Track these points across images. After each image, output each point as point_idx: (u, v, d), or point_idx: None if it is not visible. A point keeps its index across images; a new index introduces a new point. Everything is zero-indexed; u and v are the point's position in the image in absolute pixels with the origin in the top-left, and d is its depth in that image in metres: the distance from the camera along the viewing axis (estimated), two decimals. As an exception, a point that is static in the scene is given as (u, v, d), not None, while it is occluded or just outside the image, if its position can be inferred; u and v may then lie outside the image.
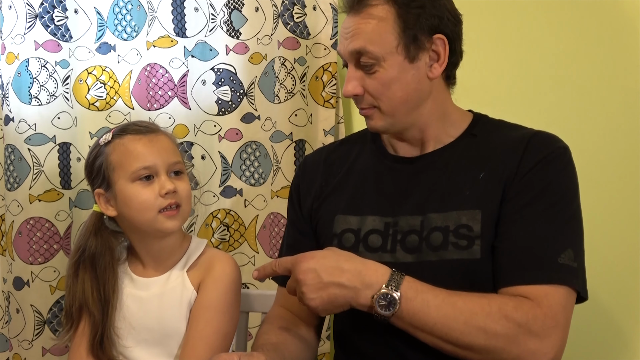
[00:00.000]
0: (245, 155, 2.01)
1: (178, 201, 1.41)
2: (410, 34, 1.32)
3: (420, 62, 1.34)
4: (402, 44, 1.32)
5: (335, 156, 1.52)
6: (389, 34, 1.32)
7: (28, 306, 1.90)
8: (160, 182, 1.40)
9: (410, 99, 1.36)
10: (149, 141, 1.42)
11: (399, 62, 1.33)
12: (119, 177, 1.41)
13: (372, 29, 1.32)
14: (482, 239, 1.30)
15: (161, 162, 1.41)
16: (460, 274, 1.30)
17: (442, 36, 1.34)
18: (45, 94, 1.90)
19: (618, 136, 1.84)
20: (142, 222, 1.42)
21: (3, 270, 1.88)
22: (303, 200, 1.51)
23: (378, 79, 1.34)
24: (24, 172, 1.89)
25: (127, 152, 1.41)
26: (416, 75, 1.35)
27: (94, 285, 1.45)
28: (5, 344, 1.88)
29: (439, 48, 1.35)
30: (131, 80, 1.97)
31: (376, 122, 1.39)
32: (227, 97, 1.99)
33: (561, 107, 1.88)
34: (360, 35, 1.33)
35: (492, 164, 1.35)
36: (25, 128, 1.88)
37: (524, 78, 1.91)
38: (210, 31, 1.98)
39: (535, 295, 1.24)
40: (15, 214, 1.88)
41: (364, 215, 1.40)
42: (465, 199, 1.33)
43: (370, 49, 1.32)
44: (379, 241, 1.37)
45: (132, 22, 1.96)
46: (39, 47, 1.89)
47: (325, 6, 1.99)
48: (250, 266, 2.01)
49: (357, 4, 1.34)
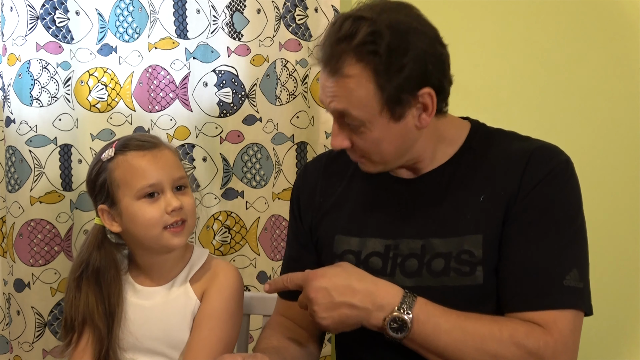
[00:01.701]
0: (247, 157, 2.01)
1: (183, 217, 1.41)
2: (392, 98, 1.24)
3: (407, 117, 1.27)
4: (385, 108, 1.25)
5: (333, 169, 1.48)
6: (370, 100, 1.24)
7: (29, 308, 1.89)
8: (165, 199, 1.40)
9: (400, 149, 1.32)
10: (152, 157, 1.41)
11: (384, 124, 1.27)
12: (124, 194, 1.40)
13: (351, 94, 1.25)
14: (484, 264, 1.29)
15: (166, 178, 1.40)
16: (462, 300, 1.28)
17: (428, 89, 1.26)
18: (46, 95, 1.90)
19: (619, 138, 1.84)
20: (147, 239, 1.42)
21: (4, 272, 1.88)
22: (304, 215, 1.49)
23: (364, 139, 1.29)
24: (25, 174, 1.88)
25: (132, 169, 1.40)
26: (404, 130, 1.29)
27: (99, 299, 1.44)
28: (5, 346, 1.88)
29: (425, 100, 1.26)
30: (132, 82, 1.97)
31: (368, 167, 1.36)
32: (229, 99, 1.98)
33: (561, 109, 1.88)
34: (341, 98, 1.26)
35: (492, 185, 1.32)
36: (27, 130, 1.88)
37: (525, 80, 1.91)
38: (212, 33, 1.97)
39: (545, 321, 1.24)
40: (16, 215, 1.88)
41: (364, 237, 1.38)
42: (466, 223, 1.31)
43: (353, 113, 1.26)
44: (380, 264, 1.36)
45: (133, 23, 1.96)
46: (41, 49, 1.89)
47: (327, 8, 1.99)
48: (252, 268, 2.01)
49: (332, 67, 1.26)
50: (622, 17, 1.81)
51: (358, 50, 1.23)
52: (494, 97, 1.91)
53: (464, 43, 1.93)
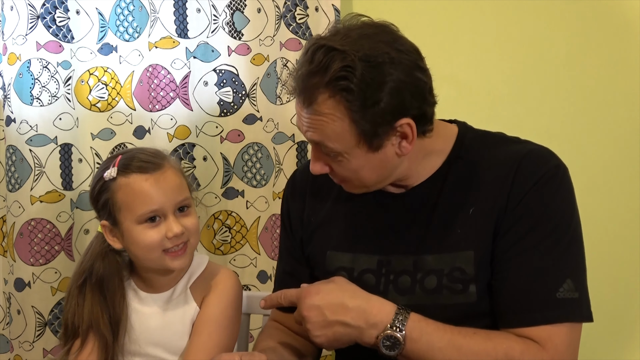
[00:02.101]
0: (247, 156, 2.00)
1: (184, 239, 1.40)
2: (368, 132, 1.20)
3: (387, 147, 1.23)
4: (362, 141, 1.22)
5: (321, 182, 1.42)
6: (345, 134, 1.21)
7: (29, 307, 1.90)
8: (167, 224, 1.38)
9: (382, 176, 1.28)
10: (155, 181, 1.38)
11: (362, 154, 1.23)
12: (125, 218, 1.39)
13: (326, 128, 1.22)
14: (477, 281, 1.26)
15: (168, 202, 1.38)
16: (456, 317, 1.26)
17: (407, 119, 1.21)
18: (46, 94, 1.90)
19: (618, 137, 1.84)
20: (147, 260, 1.42)
21: (4, 272, 1.88)
22: (295, 228, 1.47)
23: (343, 167, 1.26)
24: (26, 173, 1.88)
25: (133, 194, 1.38)
26: (384, 158, 1.25)
27: (104, 308, 1.43)
28: (6, 346, 1.88)
29: (405, 130, 1.22)
30: (133, 81, 1.96)
31: (351, 189, 1.33)
32: (229, 98, 1.98)
33: (561, 108, 1.87)
34: (316, 130, 1.23)
35: (481, 197, 1.28)
36: (27, 129, 1.88)
37: (524, 80, 1.91)
38: (212, 32, 1.97)
39: (539, 337, 1.21)
40: (17, 215, 1.88)
41: (356, 253, 1.36)
42: (457, 239, 1.28)
43: (329, 145, 1.23)
44: (373, 281, 1.34)
45: (134, 23, 1.96)
46: (41, 48, 1.89)
47: (327, 7, 1.99)
48: (252, 268, 2.01)
49: (306, 100, 1.22)
50: (621, 17, 1.81)
51: (330, 86, 1.19)
52: (493, 96, 1.91)
53: (464, 42, 1.93)
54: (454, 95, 1.87)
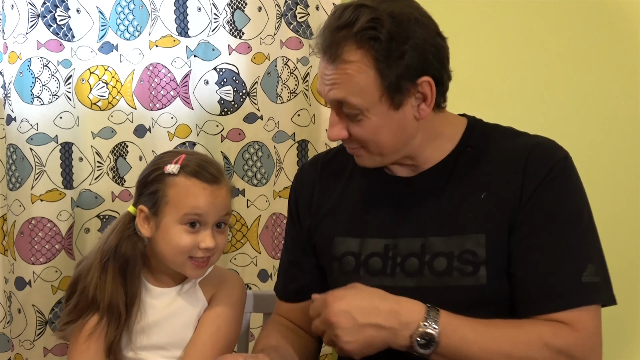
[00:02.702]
0: (248, 155, 2.00)
1: (211, 254, 1.43)
2: (392, 85, 1.24)
3: (406, 106, 1.27)
4: (385, 95, 1.25)
5: (329, 172, 1.47)
6: (370, 86, 1.24)
7: (30, 306, 1.90)
8: (204, 235, 1.40)
9: (398, 141, 1.31)
10: (211, 193, 1.41)
11: (383, 111, 1.26)
12: (169, 212, 1.41)
13: (351, 81, 1.25)
14: (488, 264, 1.28)
15: (213, 215, 1.41)
16: (465, 300, 1.28)
17: (428, 78, 1.26)
18: (47, 93, 1.90)
19: (619, 136, 1.83)
20: (170, 260, 1.43)
21: (5, 270, 1.88)
22: (302, 219, 1.48)
23: (363, 127, 1.28)
24: (26, 172, 1.88)
25: (188, 194, 1.40)
26: (403, 120, 1.28)
27: (123, 287, 1.44)
28: (6, 344, 1.88)
29: (425, 89, 1.27)
30: (133, 80, 1.96)
31: (365, 161, 1.34)
32: (230, 97, 1.98)
33: (562, 107, 1.87)
34: (340, 85, 1.26)
35: (492, 183, 1.31)
36: (27, 128, 1.88)
37: (525, 78, 1.90)
38: (213, 31, 1.97)
39: (569, 320, 1.25)
40: (17, 213, 1.88)
41: (363, 237, 1.37)
42: (467, 222, 1.30)
43: (352, 101, 1.25)
44: (380, 264, 1.35)
45: (134, 21, 1.96)
46: (41, 47, 1.89)
47: (328, 6, 1.98)
48: (253, 267, 2.01)
49: (332, 54, 1.25)
50: (622, 15, 1.81)
51: (359, 36, 1.23)
52: (494, 95, 1.91)
53: (465, 41, 1.92)
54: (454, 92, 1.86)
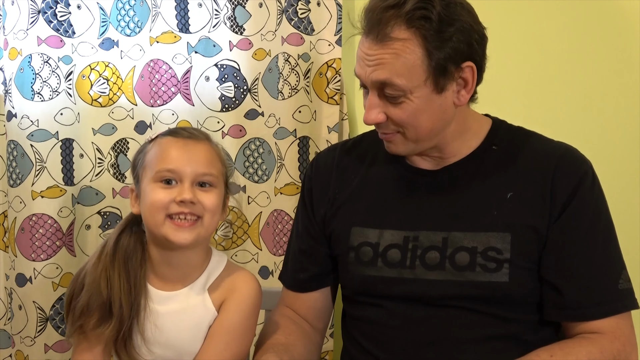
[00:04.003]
0: (249, 151, 2.00)
1: (197, 212, 1.35)
2: (439, 66, 1.25)
3: (448, 91, 1.29)
4: (430, 77, 1.26)
5: (348, 160, 1.47)
6: (417, 68, 1.25)
7: (30, 303, 1.89)
8: (180, 188, 1.34)
9: (436, 127, 1.31)
10: (183, 146, 1.37)
11: (426, 94, 1.27)
12: (145, 175, 1.37)
13: (398, 61, 1.25)
14: (511, 263, 1.29)
15: (189, 169, 1.35)
16: (484, 296, 1.30)
17: (471, 63, 1.28)
18: (48, 90, 1.89)
19: (619, 135, 1.83)
20: (151, 225, 1.36)
21: (5, 267, 1.88)
22: (316, 207, 1.47)
23: (404, 110, 1.28)
24: (27, 169, 1.88)
25: (159, 153, 1.37)
26: (443, 105, 1.29)
27: (124, 279, 1.38)
28: (7, 341, 1.88)
29: (467, 75, 1.29)
30: (134, 76, 1.96)
31: (397, 147, 1.34)
32: (231, 94, 1.98)
33: (562, 106, 1.87)
34: (385, 66, 1.25)
35: (519, 184, 1.32)
36: (28, 124, 1.88)
37: (526, 76, 1.91)
38: (214, 27, 1.97)
39: (608, 328, 1.28)
40: (18, 210, 1.88)
41: (382, 228, 1.37)
42: (493, 220, 1.31)
43: (397, 82, 1.25)
44: (398, 256, 1.35)
45: (135, 17, 1.95)
46: (42, 43, 1.88)
47: (329, 2, 1.99)
48: (254, 263, 2.01)
49: (380, 33, 1.25)
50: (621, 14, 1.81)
51: (408, 16, 1.24)
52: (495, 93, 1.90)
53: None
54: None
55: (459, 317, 1.31)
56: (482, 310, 1.29)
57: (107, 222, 1.96)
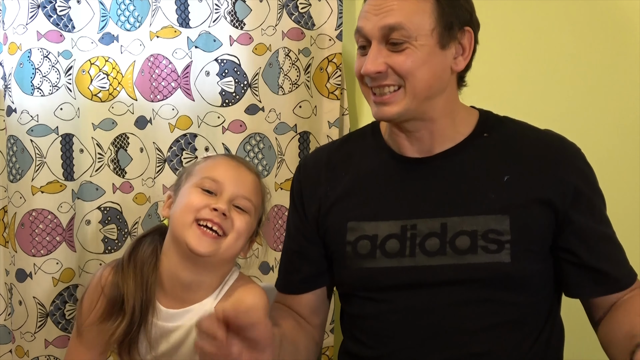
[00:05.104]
0: (249, 147, 2.00)
1: (224, 227, 1.37)
2: (446, 20, 1.31)
3: (449, 51, 1.33)
4: (437, 29, 1.31)
5: (336, 159, 1.47)
6: (427, 16, 1.30)
7: (31, 298, 1.89)
8: (218, 199, 1.37)
9: (433, 86, 1.33)
10: (235, 167, 1.42)
11: (430, 45, 1.31)
12: (189, 181, 1.41)
13: (411, 6, 1.30)
14: (512, 243, 1.31)
15: (232, 187, 1.39)
16: (487, 277, 1.30)
17: (471, 29, 1.35)
18: (47, 84, 1.89)
19: (619, 135, 1.83)
20: (178, 225, 1.38)
21: (5, 262, 1.88)
22: (307, 207, 1.47)
23: (407, 56, 1.31)
24: (27, 164, 1.87)
25: (209, 165, 1.42)
26: (442, 63, 1.33)
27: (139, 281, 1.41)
28: (7, 336, 1.87)
29: (465, 41, 1.35)
30: (134, 71, 1.96)
31: (392, 107, 1.33)
32: (231, 89, 1.97)
33: (562, 105, 1.87)
34: (397, 11, 1.30)
35: (516, 168, 1.34)
36: (28, 119, 1.87)
37: (527, 75, 1.91)
38: (214, 22, 1.96)
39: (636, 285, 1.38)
40: (18, 205, 1.87)
41: (378, 220, 1.37)
42: (490, 203, 1.33)
43: (407, 25, 1.29)
44: (397, 246, 1.35)
45: (135, 12, 1.95)
46: (42, 38, 1.88)
47: (330, -3, 1.98)
48: (254, 259, 2.00)
49: None
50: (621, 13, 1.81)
51: None
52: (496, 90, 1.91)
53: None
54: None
55: (461, 305, 1.31)
56: (484, 296, 1.30)
57: (107, 218, 1.96)
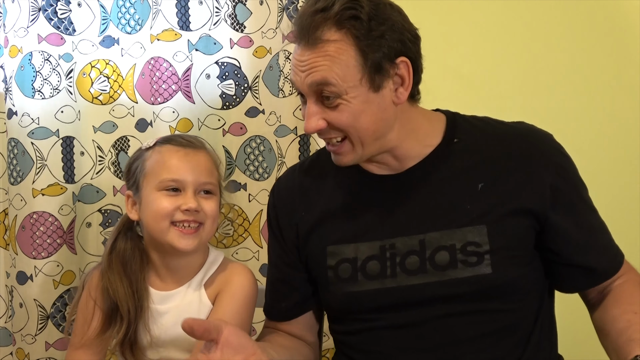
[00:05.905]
0: (250, 149, 2.00)
1: (200, 220, 1.41)
2: (373, 63, 1.24)
3: (385, 89, 1.27)
4: (365, 76, 1.25)
5: (309, 181, 1.44)
6: (351, 67, 1.24)
7: (31, 301, 1.89)
8: (185, 197, 1.40)
9: (378, 129, 1.29)
10: (184, 155, 1.43)
11: (363, 94, 1.25)
12: (148, 183, 1.42)
13: (332, 62, 1.24)
14: (492, 253, 1.28)
15: (192, 179, 1.41)
16: (470, 291, 1.28)
17: (406, 59, 1.27)
18: (48, 87, 1.89)
19: (618, 134, 1.83)
20: (156, 232, 1.41)
21: (6, 265, 1.88)
22: (286, 233, 1.45)
23: (342, 112, 1.26)
24: (27, 166, 1.88)
25: (161, 162, 1.42)
26: (382, 104, 1.27)
27: (127, 283, 1.43)
28: (8, 339, 1.88)
29: (402, 72, 1.27)
30: (135, 74, 1.96)
31: (346, 156, 1.32)
32: (232, 91, 1.97)
33: (563, 105, 1.88)
34: (319, 68, 1.24)
35: (489, 173, 1.31)
36: (29, 122, 1.88)
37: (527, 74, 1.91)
38: (215, 25, 1.96)
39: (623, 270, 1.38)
40: (19, 208, 1.88)
41: (357, 242, 1.35)
42: (467, 214, 1.30)
43: (332, 82, 1.24)
44: (378, 267, 1.33)
45: (135, 15, 1.95)
46: (42, 41, 1.88)
47: (330, -1, 1.98)
48: (255, 261, 2.01)
49: (311, 37, 1.25)
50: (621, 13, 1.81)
51: (338, 17, 1.23)
52: (496, 90, 1.91)
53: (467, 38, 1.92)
54: (457, 89, 1.86)
55: (449, 319, 1.29)
56: (471, 309, 1.28)
57: (108, 220, 1.96)
